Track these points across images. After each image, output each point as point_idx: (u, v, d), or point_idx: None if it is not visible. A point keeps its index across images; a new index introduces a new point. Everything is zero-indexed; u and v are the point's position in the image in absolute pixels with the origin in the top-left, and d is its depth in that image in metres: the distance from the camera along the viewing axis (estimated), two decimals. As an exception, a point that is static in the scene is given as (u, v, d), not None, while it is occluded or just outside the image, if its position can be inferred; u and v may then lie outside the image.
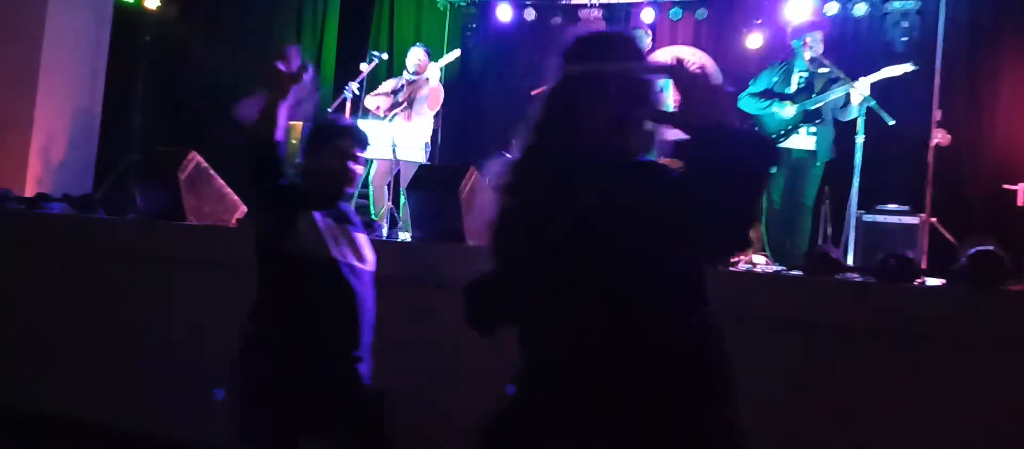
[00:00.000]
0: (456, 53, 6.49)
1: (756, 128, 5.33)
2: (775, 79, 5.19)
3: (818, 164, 5.07)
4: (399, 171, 6.04)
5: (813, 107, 5.03)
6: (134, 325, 3.97)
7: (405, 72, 6.33)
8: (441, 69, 6.28)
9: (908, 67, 4.89)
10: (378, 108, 6.25)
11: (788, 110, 5.02)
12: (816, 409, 2.98)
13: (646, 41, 5.94)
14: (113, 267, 4.16)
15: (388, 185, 6.09)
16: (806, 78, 5.11)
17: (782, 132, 5.06)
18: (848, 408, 2.93)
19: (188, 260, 4.01)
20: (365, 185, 6.31)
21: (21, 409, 4.06)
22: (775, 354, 3.03)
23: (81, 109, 6.41)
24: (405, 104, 6.17)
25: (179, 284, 3.96)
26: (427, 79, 6.12)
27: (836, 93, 4.97)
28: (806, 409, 2.99)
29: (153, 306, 3.95)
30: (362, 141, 2.58)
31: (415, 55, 6.31)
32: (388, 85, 6.39)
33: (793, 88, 5.10)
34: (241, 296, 2.53)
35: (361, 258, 2.55)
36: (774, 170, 5.08)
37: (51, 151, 6.14)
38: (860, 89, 4.82)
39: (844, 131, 5.09)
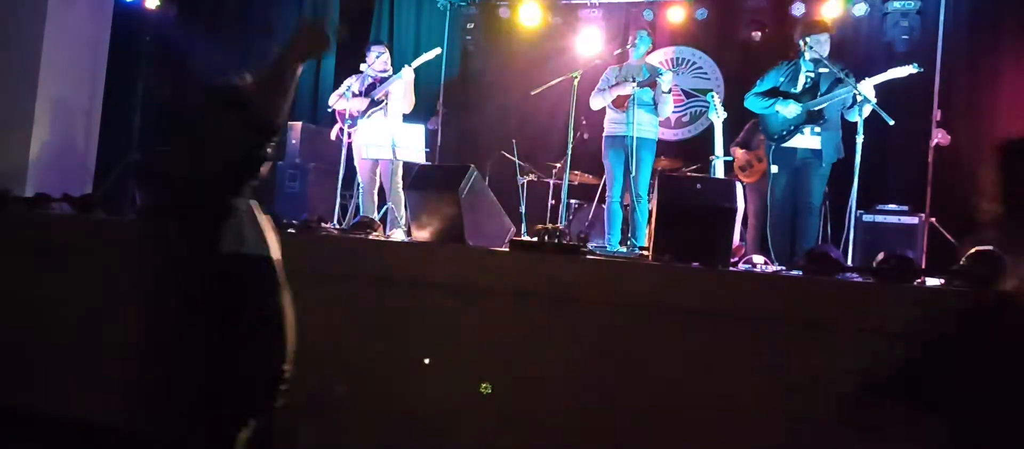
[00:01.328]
0: (434, 52, 6.41)
1: (760, 126, 5.30)
2: (782, 79, 5.16)
3: (824, 165, 5.03)
4: (382, 170, 6.05)
5: (817, 107, 4.99)
6: (134, 325, 3.96)
7: (370, 70, 6.28)
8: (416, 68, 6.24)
9: (912, 69, 4.86)
10: (349, 110, 6.21)
11: (791, 109, 4.98)
12: (816, 409, 2.97)
13: (648, 42, 5.92)
14: (113, 267, 4.16)
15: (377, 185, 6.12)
16: (812, 78, 5.07)
17: (785, 132, 5.03)
18: (848, 408, 2.93)
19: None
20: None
21: (21, 409, 4.05)
22: (775, 354, 3.03)
23: (81, 109, 6.41)
24: (384, 103, 6.15)
25: (179, 284, 3.96)
26: (401, 78, 6.10)
27: (840, 94, 4.94)
28: (806, 409, 2.98)
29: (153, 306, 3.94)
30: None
31: (380, 55, 6.28)
32: (352, 84, 6.32)
33: (800, 88, 5.07)
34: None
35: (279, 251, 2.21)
36: (776, 169, 5.05)
37: (51, 151, 6.13)
38: (863, 90, 4.79)
39: (844, 131, 5.08)
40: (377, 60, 6.25)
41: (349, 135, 6.15)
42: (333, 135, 6.28)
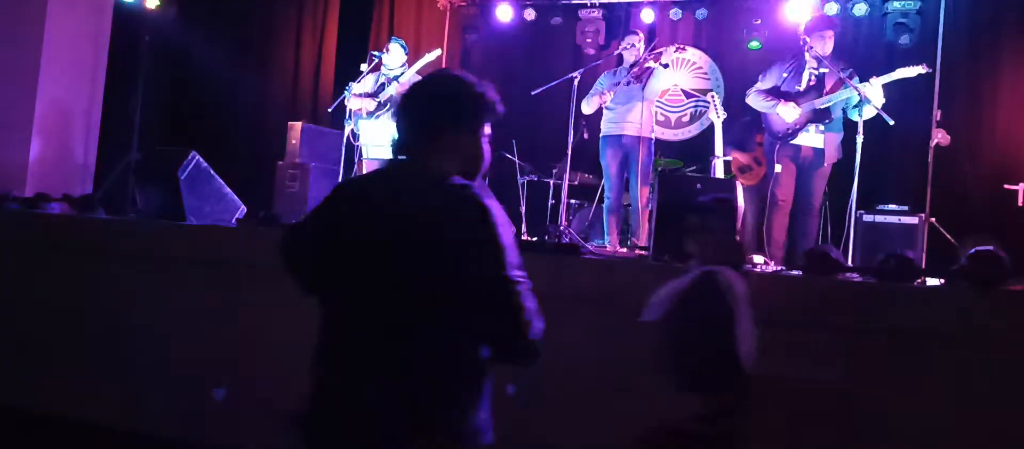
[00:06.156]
0: (435, 54, 6.35)
1: (763, 124, 5.28)
2: (785, 75, 5.10)
3: (825, 164, 5.00)
4: None
5: (822, 107, 4.95)
6: (134, 325, 3.97)
7: (384, 69, 6.25)
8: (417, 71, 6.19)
9: (921, 69, 4.80)
10: (362, 109, 6.20)
11: (791, 112, 4.94)
12: (816, 409, 2.97)
13: (638, 45, 5.83)
14: (113, 267, 4.16)
15: None
16: (816, 76, 5.01)
17: (790, 130, 5.00)
18: (848, 408, 2.93)
19: (188, 260, 4.01)
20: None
21: (21, 409, 4.05)
22: (775, 354, 3.03)
23: (81, 109, 6.41)
24: (389, 104, 6.12)
25: (179, 284, 3.96)
26: (397, 83, 6.04)
27: (845, 93, 4.89)
28: (806, 409, 2.98)
29: (153, 306, 3.95)
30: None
31: (394, 52, 6.23)
32: (368, 84, 6.31)
33: (803, 85, 5.03)
34: (240, 295, 2.51)
35: None
36: (779, 168, 5.02)
37: (51, 151, 6.13)
38: (872, 90, 4.75)
39: (846, 131, 5.06)
40: (389, 57, 6.21)
41: (355, 135, 6.14)
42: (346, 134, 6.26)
